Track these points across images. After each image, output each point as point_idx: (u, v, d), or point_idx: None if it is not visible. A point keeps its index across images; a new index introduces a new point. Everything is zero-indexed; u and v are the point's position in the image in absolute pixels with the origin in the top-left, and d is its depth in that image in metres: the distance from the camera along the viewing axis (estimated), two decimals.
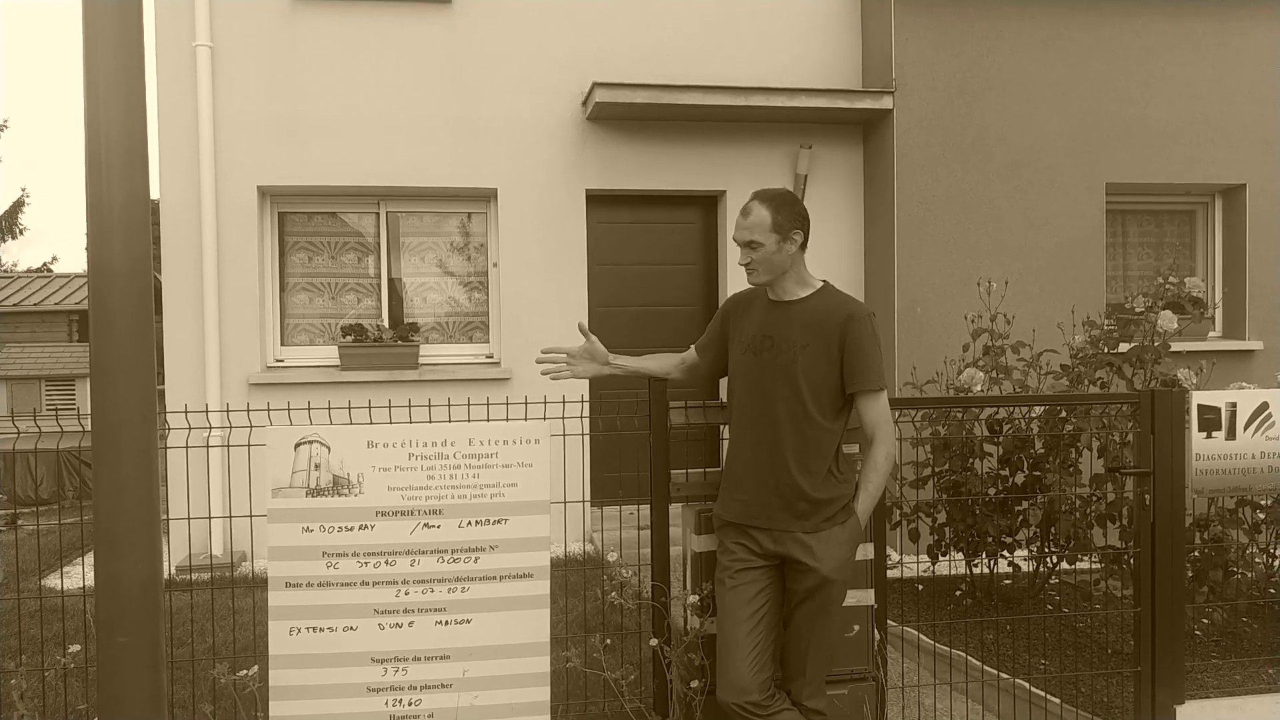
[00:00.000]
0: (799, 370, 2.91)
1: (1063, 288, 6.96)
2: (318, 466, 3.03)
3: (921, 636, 4.55)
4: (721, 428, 3.34)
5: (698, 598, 3.18)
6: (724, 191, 7.36)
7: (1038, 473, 4.77)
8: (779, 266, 2.96)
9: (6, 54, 54.98)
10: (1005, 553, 4.94)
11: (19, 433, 3.44)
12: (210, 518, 4.79)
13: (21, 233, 26.75)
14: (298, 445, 3.03)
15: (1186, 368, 4.75)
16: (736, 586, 2.94)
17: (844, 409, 2.97)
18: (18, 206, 26.58)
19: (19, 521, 8.32)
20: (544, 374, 3.22)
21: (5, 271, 23.82)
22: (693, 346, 3.35)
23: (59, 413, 3.43)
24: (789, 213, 2.95)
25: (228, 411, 3.54)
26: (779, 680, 3.01)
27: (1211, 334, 7.63)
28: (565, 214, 7.17)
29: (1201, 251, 7.92)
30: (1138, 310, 4.89)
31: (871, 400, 2.91)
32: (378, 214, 7.28)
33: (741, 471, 3.03)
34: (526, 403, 3.56)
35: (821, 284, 3.05)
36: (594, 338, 3.29)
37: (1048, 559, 4.95)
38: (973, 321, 5.14)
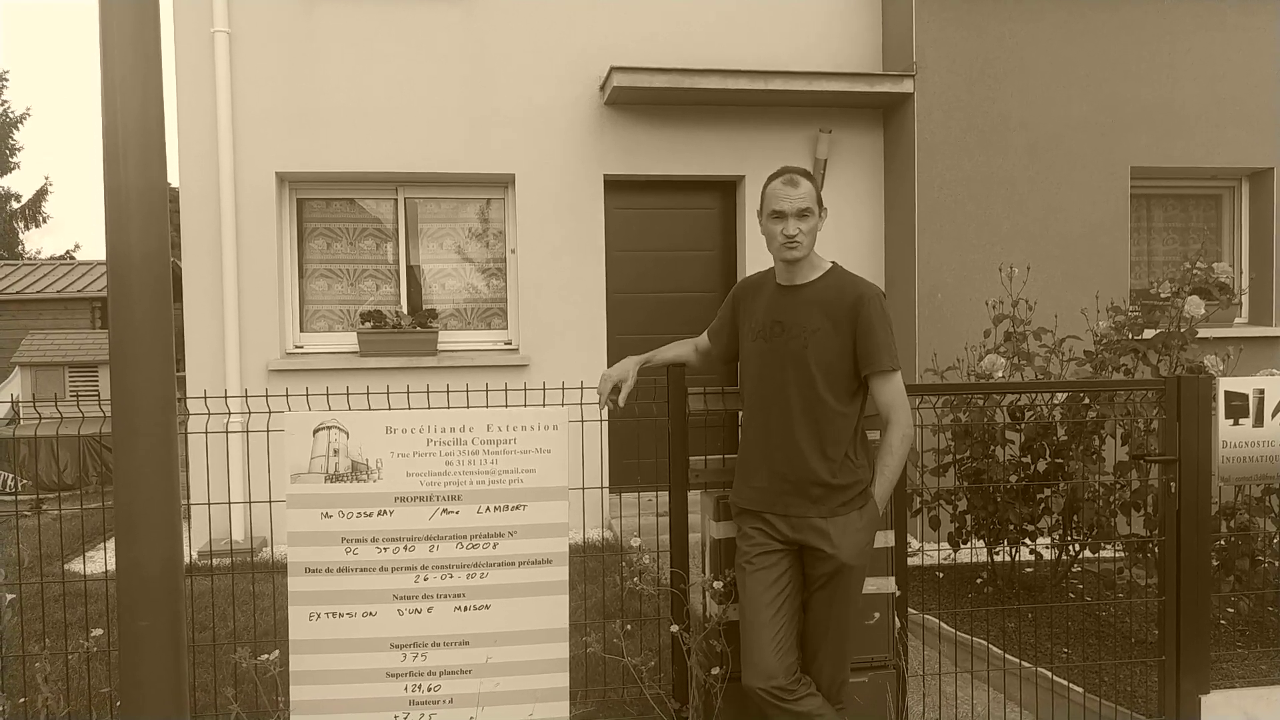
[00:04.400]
0: (810, 354, 2.88)
1: (1086, 273, 6.88)
2: (336, 452, 3.03)
3: (942, 624, 4.52)
4: (740, 414, 3.31)
5: (722, 584, 3.17)
6: (743, 177, 7.31)
7: (1060, 460, 4.72)
8: (814, 243, 2.95)
9: (28, 41, 55.37)
10: (1027, 540, 4.90)
11: (40, 418, 3.46)
12: (230, 503, 4.81)
13: (45, 221, 27.04)
14: (317, 431, 3.03)
15: (1213, 354, 4.68)
16: (757, 570, 2.92)
17: (858, 392, 2.94)
18: (41, 195, 26.84)
19: (43, 507, 8.41)
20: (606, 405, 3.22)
21: (29, 259, 24.03)
22: (705, 332, 3.33)
23: (80, 398, 3.46)
24: (819, 189, 2.96)
25: (247, 397, 3.55)
26: (800, 665, 2.99)
27: (1238, 320, 7.53)
28: (583, 200, 7.14)
29: (1228, 236, 7.80)
30: (1163, 296, 4.82)
31: (885, 381, 2.87)
32: (396, 200, 7.28)
33: (755, 458, 3.00)
34: (545, 389, 3.56)
35: (830, 265, 3.02)
36: (625, 386, 3.22)
37: (1070, 547, 4.91)
38: (994, 307, 5.09)
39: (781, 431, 2.92)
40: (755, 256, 7.16)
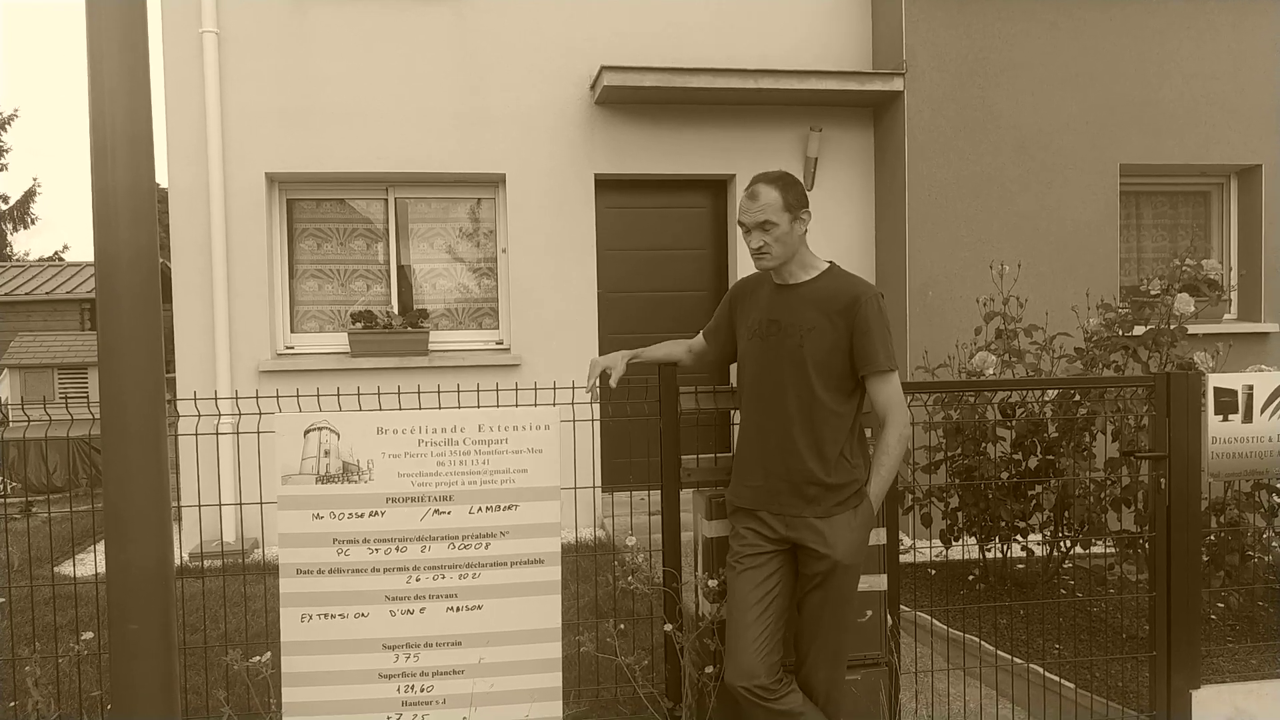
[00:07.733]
0: (806, 353, 2.88)
1: (1076, 271, 6.90)
2: (327, 453, 3.03)
3: (934, 621, 4.53)
4: (732, 413, 3.31)
5: (717, 582, 3.17)
6: (733, 175, 7.31)
7: (1051, 456, 4.73)
8: (791, 249, 2.92)
9: (17, 42, 55.01)
10: (1018, 537, 4.92)
11: (29, 420, 3.44)
12: (221, 505, 4.80)
13: (33, 222, 26.90)
14: (307, 432, 3.02)
15: (1203, 350, 4.70)
16: (746, 570, 2.93)
17: (855, 391, 2.94)
18: (29, 196, 26.70)
19: (32, 509, 8.37)
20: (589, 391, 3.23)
21: (17, 260, 23.91)
22: (701, 332, 3.33)
23: (69, 400, 3.43)
24: (797, 192, 2.93)
25: (237, 398, 3.54)
26: (790, 665, 2.99)
27: (1226, 316, 7.56)
28: (574, 199, 7.14)
29: (1216, 233, 7.84)
30: (1153, 292, 4.84)
31: (882, 382, 2.88)
32: (386, 200, 7.26)
33: (752, 457, 3.01)
34: (536, 388, 3.55)
35: (828, 265, 3.01)
36: (614, 372, 3.24)
37: (1061, 543, 4.92)
38: (985, 305, 5.10)
39: (778, 430, 2.92)
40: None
